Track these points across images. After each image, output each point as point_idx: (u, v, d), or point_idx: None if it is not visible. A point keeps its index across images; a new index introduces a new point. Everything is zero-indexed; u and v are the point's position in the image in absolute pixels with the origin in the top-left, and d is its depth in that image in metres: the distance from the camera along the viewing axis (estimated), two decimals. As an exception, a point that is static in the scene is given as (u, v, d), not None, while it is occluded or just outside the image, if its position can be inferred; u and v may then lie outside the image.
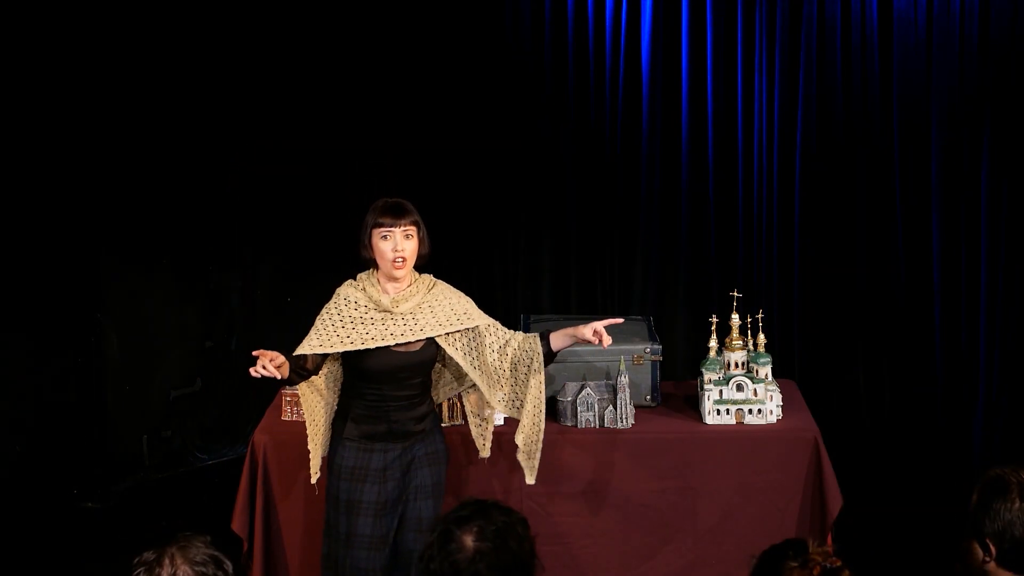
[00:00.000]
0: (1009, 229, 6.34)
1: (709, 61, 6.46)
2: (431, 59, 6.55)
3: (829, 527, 4.82)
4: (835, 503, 4.81)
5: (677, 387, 5.38)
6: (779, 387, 5.01)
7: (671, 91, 6.52)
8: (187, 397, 6.65)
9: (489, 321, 4.40)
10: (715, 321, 5.05)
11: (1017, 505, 2.95)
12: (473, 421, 4.58)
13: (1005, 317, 6.38)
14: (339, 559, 4.31)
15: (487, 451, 4.59)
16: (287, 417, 4.98)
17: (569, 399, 4.93)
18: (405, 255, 4.24)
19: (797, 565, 2.61)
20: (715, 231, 6.59)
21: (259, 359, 4.05)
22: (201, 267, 6.64)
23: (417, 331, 4.26)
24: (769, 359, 4.98)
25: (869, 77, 6.38)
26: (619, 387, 4.87)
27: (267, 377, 4.07)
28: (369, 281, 4.33)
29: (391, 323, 4.25)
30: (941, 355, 6.46)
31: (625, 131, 6.56)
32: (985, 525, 2.98)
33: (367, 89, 6.57)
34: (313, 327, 4.31)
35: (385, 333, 4.24)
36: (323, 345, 4.25)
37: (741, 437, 4.90)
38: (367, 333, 4.23)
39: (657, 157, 6.57)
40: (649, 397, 5.10)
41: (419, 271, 4.38)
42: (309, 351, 4.26)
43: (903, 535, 5.68)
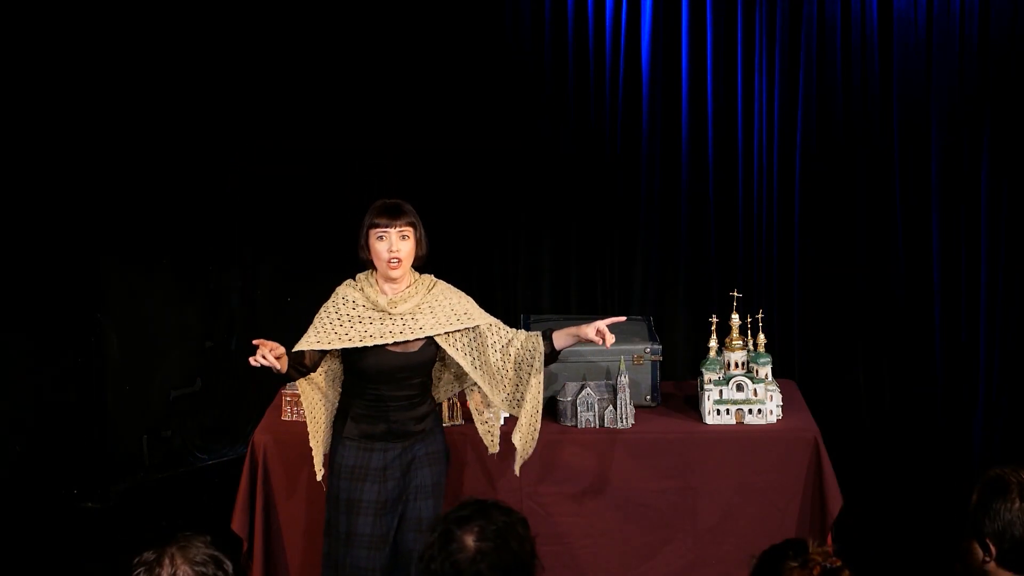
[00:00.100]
0: (1009, 229, 6.34)
1: (709, 61, 6.45)
2: (431, 59, 6.55)
3: (829, 527, 4.82)
4: (835, 503, 4.81)
5: (677, 387, 5.37)
6: (779, 387, 5.01)
7: (671, 91, 6.51)
8: (187, 397, 6.65)
9: (491, 320, 4.38)
10: (715, 321, 5.06)
11: (1017, 505, 2.95)
12: (478, 419, 4.56)
13: (1005, 317, 6.37)
14: (339, 558, 4.31)
15: (496, 447, 4.57)
16: (287, 417, 4.98)
17: (569, 399, 4.93)
18: (400, 256, 4.24)
19: (797, 565, 2.61)
20: (715, 231, 6.59)
21: (259, 348, 4.05)
22: (201, 267, 6.64)
23: (416, 330, 4.25)
24: (769, 359, 4.98)
25: (869, 77, 6.38)
26: (619, 387, 4.87)
27: (265, 367, 4.07)
28: (367, 282, 4.33)
29: (390, 322, 4.25)
30: (941, 355, 6.46)
31: (625, 131, 6.56)
32: (985, 525, 2.98)
33: (367, 89, 6.57)
34: (311, 325, 4.31)
35: (384, 331, 4.23)
36: (321, 342, 4.25)
37: (741, 437, 4.90)
38: (365, 331, 4.23)
39: (657, 157, 6.57)
40: (649, 397, 5.10)
41: (419, 271, 4.38)
42: (307, 348, 4.26)
43: (903, 535, 5.68)
